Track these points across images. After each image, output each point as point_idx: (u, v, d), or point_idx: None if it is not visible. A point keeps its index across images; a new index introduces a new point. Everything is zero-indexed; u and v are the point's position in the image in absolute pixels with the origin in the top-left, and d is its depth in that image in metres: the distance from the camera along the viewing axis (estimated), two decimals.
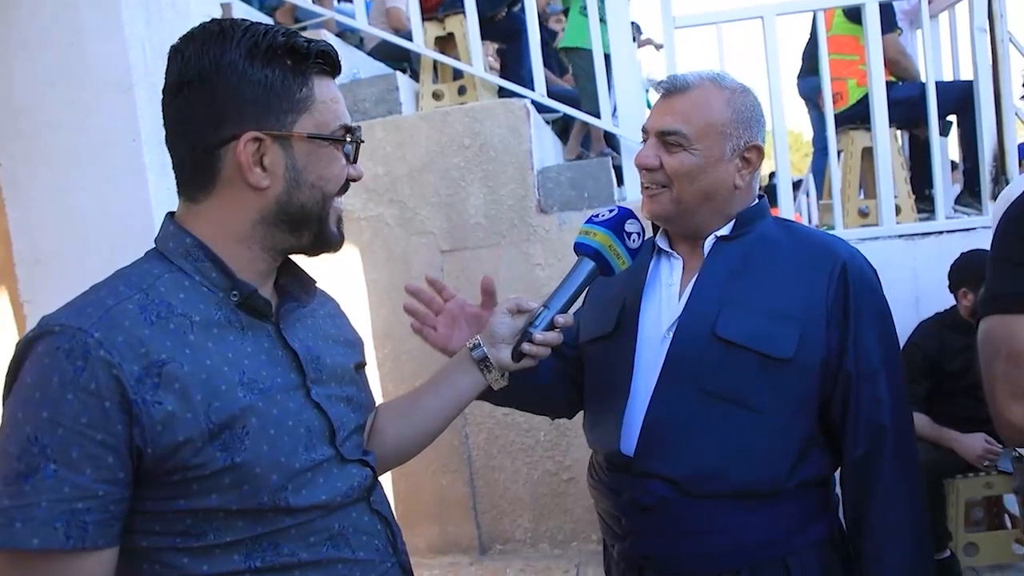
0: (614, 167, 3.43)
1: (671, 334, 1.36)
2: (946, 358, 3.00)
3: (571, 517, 3.23)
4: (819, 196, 4.61)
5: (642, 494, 1.35)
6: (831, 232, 3.42)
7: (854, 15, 3.53)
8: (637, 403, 1.37)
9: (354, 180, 1.03)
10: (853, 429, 1.33)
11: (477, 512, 3.30)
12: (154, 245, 0.99)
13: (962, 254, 3.02)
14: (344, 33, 4.27)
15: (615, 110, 3.57)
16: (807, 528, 1.34)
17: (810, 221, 5.02)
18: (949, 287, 3.05)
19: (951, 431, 2.94)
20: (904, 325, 3.28)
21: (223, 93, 0.92)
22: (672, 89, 1.39)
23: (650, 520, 1.35)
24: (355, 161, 1.03)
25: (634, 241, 1.31)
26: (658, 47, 6.53)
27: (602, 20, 3.49)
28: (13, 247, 2.19)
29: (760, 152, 1.41)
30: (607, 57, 3.48)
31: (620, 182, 3.56)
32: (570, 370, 1.56)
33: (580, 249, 1.30)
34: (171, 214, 1.01)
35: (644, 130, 1.42)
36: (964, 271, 2.97)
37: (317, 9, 3.83)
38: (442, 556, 3.30)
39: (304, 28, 3.83)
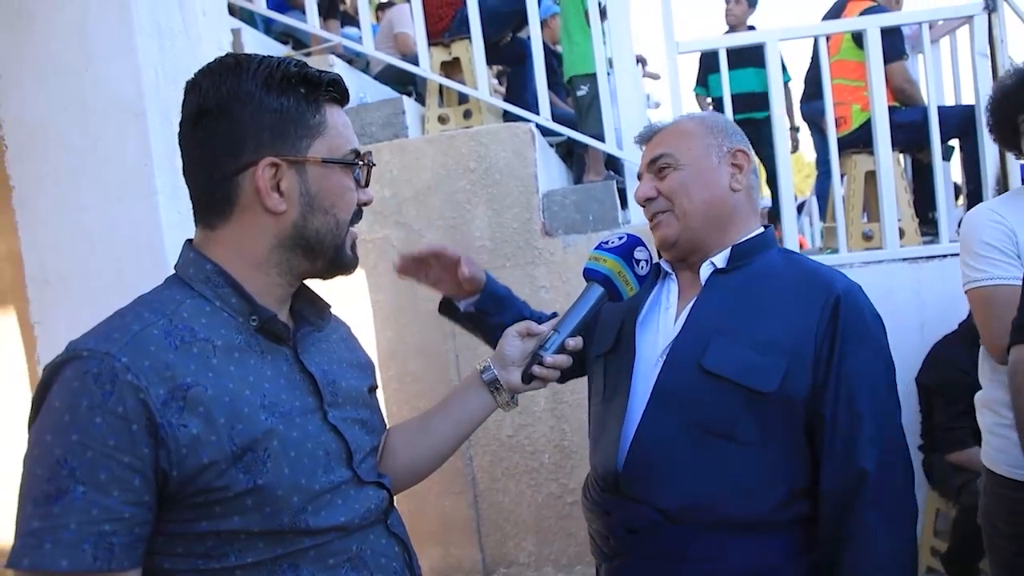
0: (618, 190, 3.46)
1: (663, 359, 1.38)
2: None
3: (575, 540, 3.22)
4: (823, 219, 4.63)
5: (631, 516, 1.36)
6: (836, 254, 3.45)
7: (862, 40, 3.56)
8: (631, 424, 1.38)
9: (365, 204, 1.05)
10: (828, 465, 1.30)
11: (481, 535, 3.29)
12: (174, 271, 1.02)
13: None
14: (350, 57, 4.32)
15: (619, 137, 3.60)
16: (794, 560, 1.33)
17: (814, 244, 5.03)
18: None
19: None
20: (910, 348, 3.28)
21: (241, 121, 0.95)
22: (651, 132, 1.50)
23: (638, 543, 1.35)
24: (366, 185, 1.06)
25: (642, 268, 1.33)
26: (655, 78, 6.62)
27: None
28: (25, 268, 2.21)
29: (747, 155, 1.46)
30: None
31: (624, 205, 3.58)
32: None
33: (589, 275, 1.32)
34: (189, 241, 1.03)
35: (639, 175, 1.50)
36: None
37: (325, 34, 3.88)
38: None
39: (309, 54, 3.87)
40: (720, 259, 1.41)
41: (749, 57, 4.40)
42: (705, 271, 1.42)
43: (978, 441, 2.98)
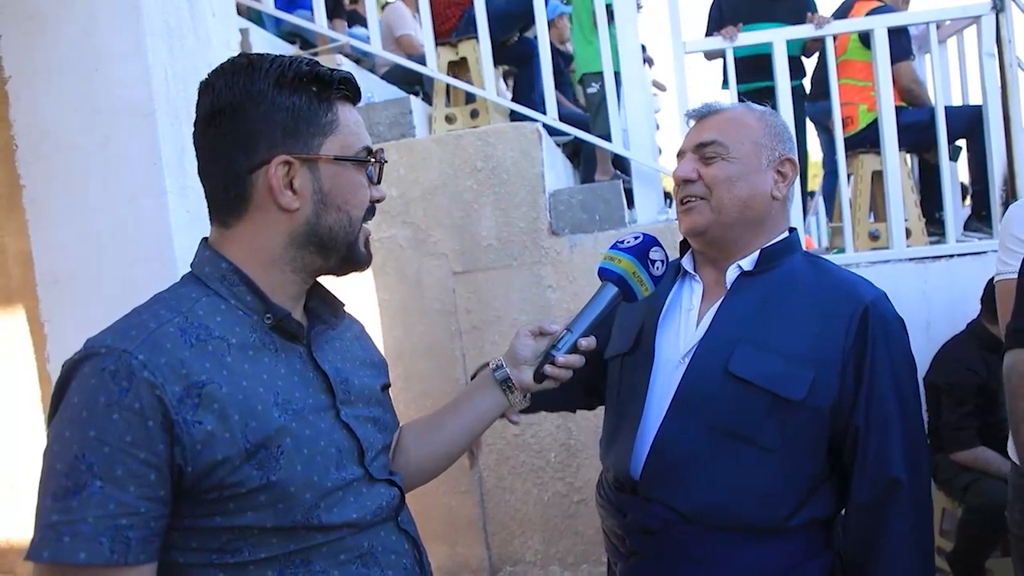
0: (625, 190, 3.46)
1: (686, 361, 1.37)
2: (993, 380, 2.97)
3: (581, 539, 3.23)
4: (829, 219, 4.62)
5: (647, 517, 1.36)
6: (842, 253, 3.45)
7: (869, 40, 3.55)
8: (648, 427, 1.38)
9: (377, 201, 1.06)
10: (860, 476, 1.32)
11: (487, 533, 3.30)
12: (190, 269, 1.03)
13: None
14: (358, 57, 4.33)
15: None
16: (808, 563, 1.34)
17: (820, 244, 5.03)
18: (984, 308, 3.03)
19: None
20: (915, 349, 3.23)
21: (254, 120, 0.97)
22: (707, 112, 1.45)
23: (653, 543, 1.36)
24: (378, 182, 1.07)
25: (658, 269, 1.32)
26: (661, 88, 6.58)
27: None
28: (35, 267, 2.23)
29: (794, 165, 1.43)
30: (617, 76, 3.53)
31: (631, 205, 3.58)
32: (591, 378, 1.55)
33: (604, 274, 1.31)
34: (205, 239, 1.04)
35: (680, 152, 1.46)
36: None
37: (332, 34, 3.89)
38: None
39: (316, 54, 3.89)
40: (747, 262, 1.40)
41: (769, 9, 4.04)
42: (731, 274, 1.40)
43: (984, 441, 3.00)
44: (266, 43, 3.62)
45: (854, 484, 1.32)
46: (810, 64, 4.51)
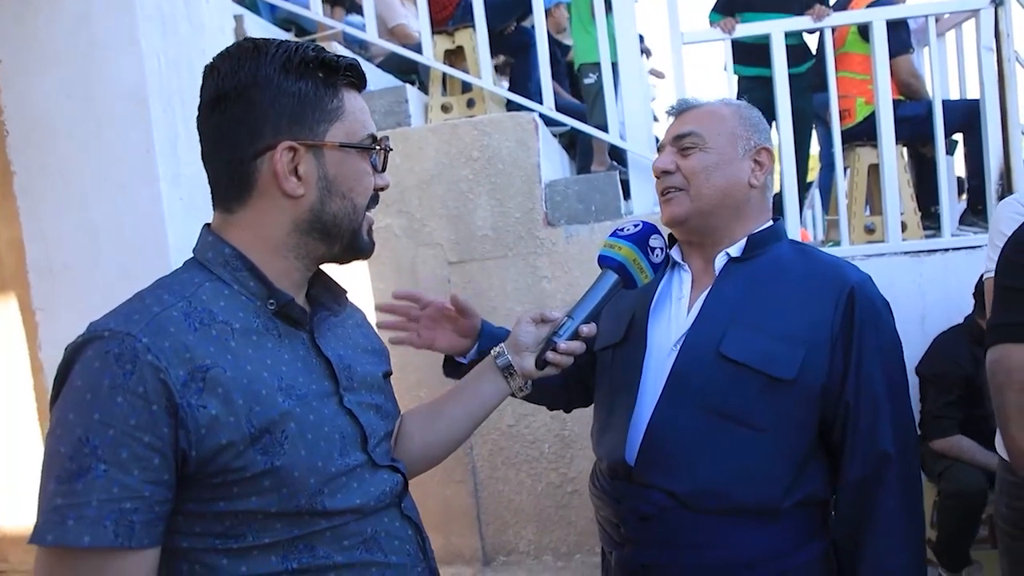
0: (621, 181, 3.45)
1: (678, 348, 1.39)
2: (981, 374, 2.98)
3: (575, 529, 3.24)
4: (825, 212, 4.62)
5: (642, 503, 1.37)
6: (838, 246, 3.45)
7: (867, 33, 3.54)
8: (642, 414, 1.39)
9: (381, 189, 1.06)
10: (851, 453, 1.34)
11: (481, 523, 3.31)
12: (192, 255, 1.02)
13: None
14: (352, 45, 4.31)
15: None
16: (805, 546, 1.36)
17: (816, 236, 5.03)
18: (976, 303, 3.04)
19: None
20: (910, 342, 3.25)
21: (259, 105, 0.96)
22: (684, 107, 1.49)
23: (649, 529, 1.37)
24: (383, 170, 1.06)
25: (657, 256, 1.34)
26: (660, 76, 6.54)
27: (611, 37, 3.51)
28: (27, 255, 2.22)
29: (770, 154, 1.47)
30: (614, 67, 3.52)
31: (627, 196, 3.58)
32: (581, 374, 1.59)
33: (604, 262, 1.32)
34: (207, 225, 1.04)
35: (659, 146, 1.50)
36: None
37: (328, 21, 3.87)
38: (446, 567, 3.31)
39: (313, 41, 3.86)
40: (735, 248, 1.43)
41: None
42: (720, 260, 1.43)
43: (963, 431, 3.02)
44: (261, 30, 3.59)
45: (845, 461, 1.35)
46: (814, 47, 4.47)
